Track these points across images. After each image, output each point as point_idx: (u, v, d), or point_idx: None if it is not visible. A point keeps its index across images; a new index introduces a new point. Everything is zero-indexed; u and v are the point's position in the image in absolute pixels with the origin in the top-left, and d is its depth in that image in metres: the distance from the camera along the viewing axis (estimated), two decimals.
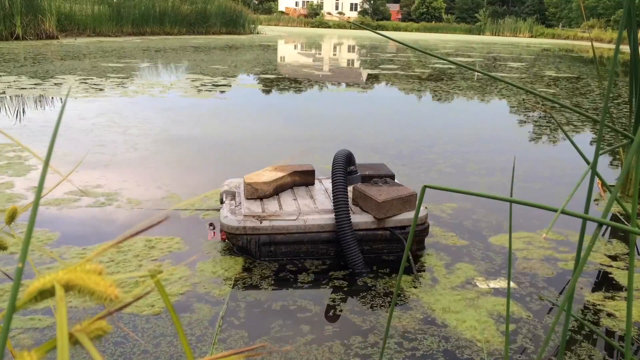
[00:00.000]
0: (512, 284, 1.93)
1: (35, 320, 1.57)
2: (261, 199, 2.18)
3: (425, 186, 0.59)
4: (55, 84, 6.21)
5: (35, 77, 6.65)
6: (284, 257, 2.05)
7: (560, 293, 1.90)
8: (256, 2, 57.86)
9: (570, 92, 7.49)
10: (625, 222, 2.52)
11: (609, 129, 4.21)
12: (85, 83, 6.39)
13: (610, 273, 2.05)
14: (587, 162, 0.71)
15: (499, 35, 41.42)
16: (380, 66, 10.62)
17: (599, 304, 1.81)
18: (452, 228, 2.43)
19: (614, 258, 2.19)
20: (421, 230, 2.15)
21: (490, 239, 2.33)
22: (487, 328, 1.62)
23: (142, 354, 1.44)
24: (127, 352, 1.45)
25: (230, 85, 6.92)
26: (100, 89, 5.98)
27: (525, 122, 5.40)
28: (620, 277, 2.02)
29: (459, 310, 1.72)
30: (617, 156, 3.82)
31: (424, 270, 2.01)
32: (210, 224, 2.28)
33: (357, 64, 11.99)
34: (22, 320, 1.56)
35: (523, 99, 6.80)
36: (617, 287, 1.94)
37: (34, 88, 5.83)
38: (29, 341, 1.47)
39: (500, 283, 1.92)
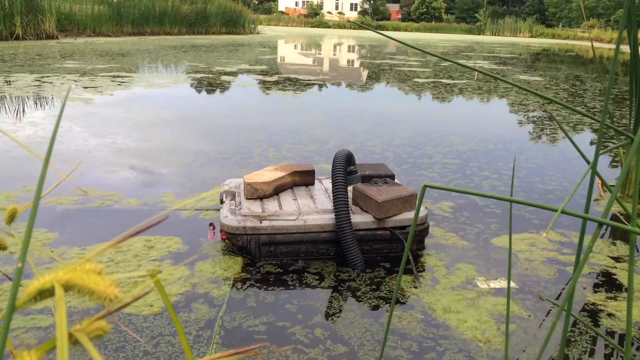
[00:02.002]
0: (512, 284, 1.93)
1: (37, 320, 1.57)
2: (261, 199, 2.18)
3: (426, 186, 0.59)
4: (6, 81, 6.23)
5: None
6: (284, 257, 2.05)
7: (561, 293, 1.90)
8: (256, 2, 57.84)
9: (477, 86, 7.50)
10: (626, 222, 2.52)
11: (608, 129, 4.20)
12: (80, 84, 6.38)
13: (614, 274, 2.05)
14: (588, 162, 0.71)
15: (498, 35, 41.41)
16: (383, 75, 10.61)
17: (600, 304, 1.81)
18: (453, 228, 2.43)
19: (616, 259, 2.19)
20: (421, 230, 2.15)
21: (490, 239, 2.33)
22: (488, 328, 1.62)
23: (144, 356, 1.44)
24: (128, 355, 1.45)
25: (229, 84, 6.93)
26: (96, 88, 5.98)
27: (525, 122, 5.40)
28: (623, 278, 2.02)
29: (459, 310, 1.72)
30: (617, 156, 3.82)
31: (424, 270, 2.01)
32: (210, 224, 2.28)
33: (357, 64, 11.98)
34: (25, 319, 1.56)
35: (523, 100, 6.80)
36: (619, 288, 1.94)
37: None
38: (33, 340, 1.47)
39: (500, 283, 1.92)
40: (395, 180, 2.31)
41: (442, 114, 5.63)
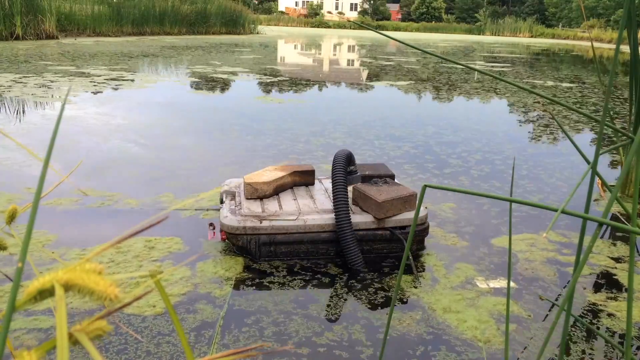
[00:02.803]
0: (512, 285, 1.93)
1: (38, 320, 1.57)
2: (261, 199, 2.18)
3: (426, 185, 0.59)
4: None
5: None
6: (284, 257, 2.05)
7: (561, 293, 1.90)
8: (256, 2, 57.85)
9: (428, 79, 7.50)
10: (626, 222, 2.52)
11: (609, 129, 4.20)
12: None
13: (615, 275, 2.05)
14: (588, 162, 0.71)
15: (498, 35, 41.41)
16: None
17: (600, 304, 1.81)
18: (453, 228, 2.43)
19: (617, 260, 2.19)
20: (421, 230, 2.15)
21: (490, 239, 2.33)
22: (488, 328, 1.62)
23: (146, 356, 1.44)
24: (130, 356, 1.45)
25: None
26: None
27: (525, 122, 5.40)
28: (623, 278, 2.02)
29: (459, 310, 1.72)
30: (617, 156, 3.82)
31: (424, 270, 2.01)
32: (210, 224, 2.28)
33: (357, 64, 11.99)
34: (26, 320, 1.56)
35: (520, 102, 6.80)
36: (619, 288, 1.94)
37: None
38: (33, 341, 1.47)
39: (500, 283, 1.92)
40: (396, 180, 2.31)
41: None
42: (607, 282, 1.99)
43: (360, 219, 2.06)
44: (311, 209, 2.10)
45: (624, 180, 2.91)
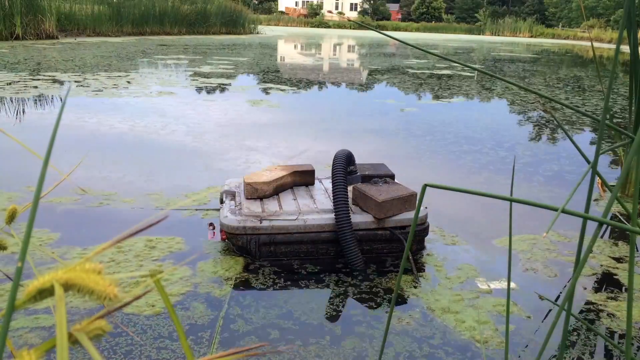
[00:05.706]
0: (513, 285, 1.93)
1: (40, 319, 1.57)
2: (261, 198, 2.18)
3: (426, 185, 0.59)
4: None
5: None
6: (284, 257, 2.05)
7: (561, 293, 1.89)
8: (256, 2, 57.87)
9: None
10: (626, 222, 2.52)
11: (609, 129, 4.20)
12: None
13: (615, 274, 2.05)
14: (588, 162, 0.71)
15: (498, 35, 41.41)
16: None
17: (600, 304, 1.81)
18: (453, 228, 2.43)
19: (618, 260, 2.18)
20: (421, 230, 2.15)
21: (491, 239, 2.33)
22: (487, 328, 1.62)
23: (145, 358, 1.44)
24: (128, 357, 1.45)
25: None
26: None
27: (525, 121, 5.40)
28: (623, 278, 2.02)
29: (458, 310, 1.72)
30: (617, 156, 3.82)
31: (424, 270, 2.01)
32: (210, 224, 2.28)
33: (357, 64, 11.99)
34: (28, 319, 1.56)
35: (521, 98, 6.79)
36: (619, 288, 1.94)
37: None
38: (36, 339, 1.47)
39: (500, 283, 1.92)
40: (396, 180, 2.30)
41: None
42: (608, 282, 1.99)
43: (360, 219, 2.06)
44: (311, 209, 2.10)
45: (624, 180, 2.91)
